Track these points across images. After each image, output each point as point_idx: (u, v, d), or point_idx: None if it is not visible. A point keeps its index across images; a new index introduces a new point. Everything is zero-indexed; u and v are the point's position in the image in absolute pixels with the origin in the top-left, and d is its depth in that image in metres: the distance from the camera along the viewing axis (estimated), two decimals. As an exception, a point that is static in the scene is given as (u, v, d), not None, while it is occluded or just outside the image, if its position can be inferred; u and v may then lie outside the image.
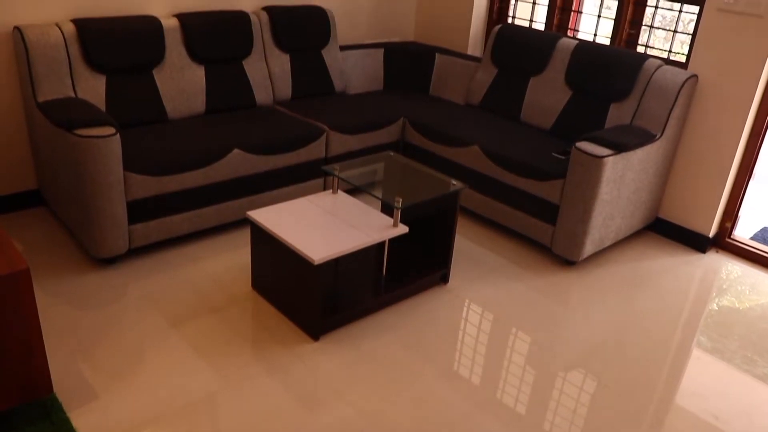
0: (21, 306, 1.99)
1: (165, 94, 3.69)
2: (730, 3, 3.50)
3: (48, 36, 3.29)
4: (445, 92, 4.74)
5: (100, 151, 2.90)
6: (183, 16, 3.80)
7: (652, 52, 4.11)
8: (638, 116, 3.73)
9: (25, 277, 1.96)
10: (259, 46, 4.11)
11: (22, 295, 1.98)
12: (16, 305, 1.98)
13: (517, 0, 4.80)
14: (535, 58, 4.21)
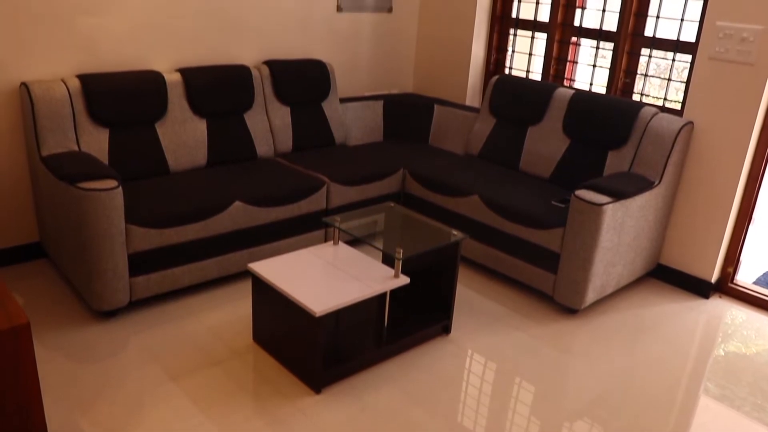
0: (20, 361, 1.98)
1: (167, 147, 3.73)
2: (721, 52, 3.57)
3: (53, 91, 3.35)
4: (445, 143, 4.79)
5: (103, 203, 2.92)
6: (185, 70, 3.87)
7: (648, 99, 4.16)
8: (636, 163, 3.76)
9: (25, 331, 1.95)
10: (260, 99, 4.17)
11: (22, 350, 1.97)
12: (15, 360, 1.97)
13: (513, 51, 4.89)
14: (533, 108, 4.27)
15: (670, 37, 3.97)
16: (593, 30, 4.34)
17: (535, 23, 4.67)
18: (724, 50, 3.56)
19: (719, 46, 3.57)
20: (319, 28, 4.63)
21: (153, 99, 3.68)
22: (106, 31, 3.67)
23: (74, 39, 3.57)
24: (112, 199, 2.95)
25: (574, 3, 4.44)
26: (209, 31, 4.07)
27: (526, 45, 4.78)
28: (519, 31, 4.81)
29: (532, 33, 4.71)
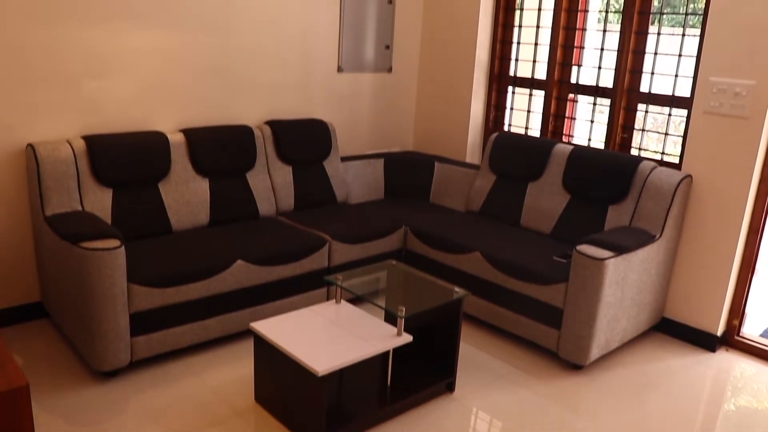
0: (18, 424, 1.95)
1: (170, 207, 3.75)
2: (716, 106, 3.63)
3: (59, 152, 3.40)
4: (446, 200, 4.81)
5: (105, 263, 2.92)
6: (189, 131, 3.93)
7: (646, 153, 4.21)
8: (637, 217, 3.77)
9: (24, 393, 1.94)
10: (262, 158, 4.22)
11: (20, 413, 1.95)
12: (13, 423, 1.94)
13: (512, 109, 4.96)
14: (533, 164, 4.31)
15: (665, 92, 4.03)
16: (590, 87, 4.41)
17: (532, 81, 4.76)
18: (718, 105, 3.62)
19: (713, 101, 3.63)
20: (320, 88, 4.72)
21: (156, 159, 3.73)
22: (111, 93, 3.74)
23: (80, 101, 3.64)
24: (115, 258, 2.96)
25: (571, 61, 4.53)
26: (212, 92, 4.15)
27: (525, 102, 4.85)
28: (517, 88, 4.90)
29: (530, 90, 4.79)
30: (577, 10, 4.46)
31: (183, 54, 3.98)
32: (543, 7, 4.62)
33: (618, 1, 4.29)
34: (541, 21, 4.64)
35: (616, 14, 4.26)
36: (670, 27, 4.12)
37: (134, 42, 3.77)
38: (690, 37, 3.89)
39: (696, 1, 3.98)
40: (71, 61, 3.57)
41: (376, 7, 4.90)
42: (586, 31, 4.60)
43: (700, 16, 3.85)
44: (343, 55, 4.79)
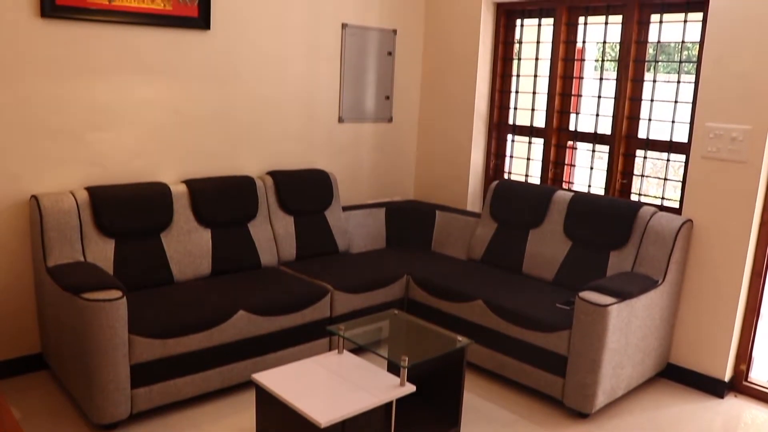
0: (16, 478, 1.93)
1: (172, 257, 3.76)
2: (713, 151, 3.66)
3: (62, 203, 3.43)
4: (447, 248, 4.81)
5: (106, 314, 2.92)
6: (191, 182, 3.97)
7: (646, 198, 4.22)
8: (638, 263, 3.77)
9: (22, 446, 1.91)
10: (264, 209, 4.24)
11: (18, 467, 1.92)
12: (11, 477, 1.92)
13: (512, 156, 5.00)
14: (533, 212, 4.32)
15: (663, 138, 4.07)
16: (588, 134, 4.46)
17: (531, 129, 4.81)
18: (715, 150, 3.65)
19: (711, 146, 3.67)
20: (322, 139, 4.77)
21: (159, 210, 3.75)
22: (115, 145, 3.79)
23: (84, 153, 3.68)
24: (116, 309, 2.95)
25: (569, 108, 4.59)
26: (214, 143, 4.20)
27: (524, 150, 4.90)
28: (516, 136, 4.94)
29: (529, 138, 4.83)
30: (573, 59, 4.54)
31: (186, 106, 4.04)
32: (540, 57, 4.69)
33: (614, 49, 4.37)
34: (539, 70, 4.71)
35: (612, 62, 4.33)
36: (665, 74, 4.19)
37: (138, 94, 3.83)
38: (685, 83, 3.95)
39: (690, 49, 4.05)
40: (76, 114, 3.62)
41: (376, 59, 4.99)
42: (583, 79, 4.68)
43: (694, 64, 3.91)
44: (343, 105, 4.85)
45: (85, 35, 3.60)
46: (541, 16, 4.66)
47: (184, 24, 3.93)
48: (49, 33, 3.48)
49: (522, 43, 4.88)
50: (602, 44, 4.39)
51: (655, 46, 4.10)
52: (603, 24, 4.32)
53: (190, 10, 3.95)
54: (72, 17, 3.52)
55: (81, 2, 3.53)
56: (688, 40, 3.94)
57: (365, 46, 4.91)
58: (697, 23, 3.87)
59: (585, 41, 4.47)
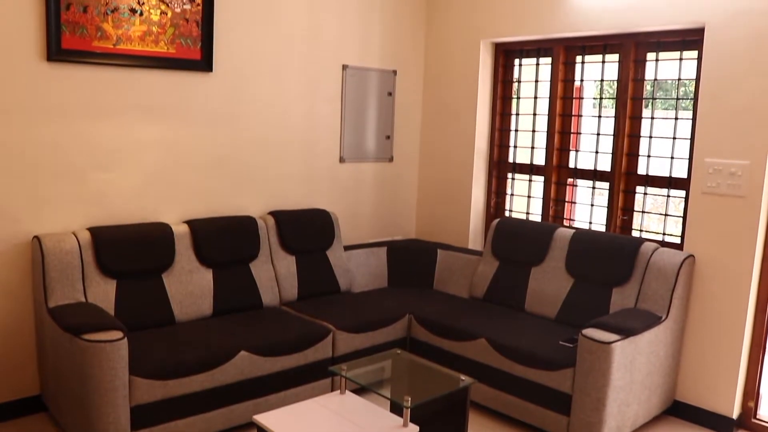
0: None
1: (173, 297, 3.75)
2: (713, 186, 3.67)
3: (64, 243, 3.44)
4: (449, 286, 4.80)
5: (107, 355, 2.90)
6: (193, 222, 3.98)
7: (647, 234, 4.22)
8: (641, 299, 3.75)
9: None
10: (265, 248, 4.24)
11: None
12: None
13: (512, 194, 5.02)
14: (535, 249, 4.32)
15: (662, 174, 4.09)
16: (588, 171, 4.48)
17: (531, 167, 4.83)
18: (715, 185, 3.66)
19: (710, 181, 3.68)
20: (323, 179, 4.80)
21: (161, 250, 3.75)
22: (117, 185, 3.82)
23: (86, 193, 3.71)
24: (117, 350, 2.94)
25: (568, 146, 4.62)
26: (216, 184, 4.22)
27: (525, 188, 4.91)
28: (516, 174, 4.97)
29: (530, 176, 4.86)
30: (572, 97, 4.58)
31: (187, 146, 4.07)
32: (539, 95, 4.74)
33: (612, 87, 4.41)
34: (538, 108, 4.75)
35: (611, 100, 4.37)
36: (663, 110, 4.23)
37: (141, 135, 3.87)
38: (683, 120, 3.99)
39: (687, 85, 4.09)
40: (78, 155, 3.66)
41: (376, 99, 5.04)
42: (582, 117, 4.72)
43: (691, 100, 3.95)
44: (344, 145, 4.89)
45: (90, 78, 3.65)
46: (539, 55, 4.72)
47: (187, 66, 3.99)
48: (55, 76, 3.53)
49: (521, 82, 4.94)
50: (600, 82, 4.44)
51: (652, 83, 4.14)
52: (600, 62, 4.37)
53: (193, 53, 4.01)
54: (77, 60, 3.58)
55: (86, 46, 3.60)
56: (684, 77, 3.99)
57: (366, 86, 4.96)
58: (692, 60, 3.92)
59: (583, 79, 4.53)
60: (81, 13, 3.56)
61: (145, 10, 3.78)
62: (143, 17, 3.78)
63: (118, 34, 3.70)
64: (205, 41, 4.03)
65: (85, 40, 3.59)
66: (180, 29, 3.93)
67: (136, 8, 3.75)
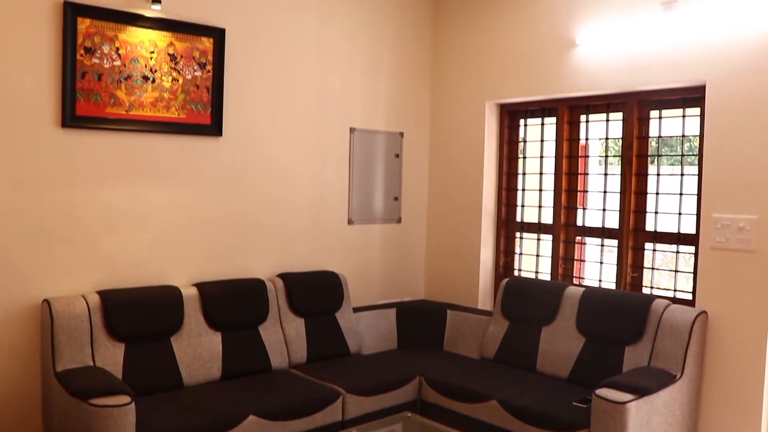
0: None
1: (182, 361, 3.73)
2: (722, 242, 3.66)
3: (74, 306, 3.45)
4: (459, 347, 4.75)
5: (114, 420, 2.88)
6: (202, 285, 3.99)
7: (658, 291, 4.19)
8: (655, 357, 3.70)
9: None
10: (274, 311, 4.23)
11: None
12: None
13: (521, 253, 5.01)
14: (545, 308, 4.29)
15: (671, 230, 4.09)
16: (596, 228, 4.49)
17: (539, 225, 4.84)
18: (724, 240, 3.65)
19: (719, 237, 3.67)
20: (331, 240, 4.82)
21: (169, 313, 3.75)
22: (128, 248, 3.85)
23: (96, 257, 3.74)
24: (125, 415, 2.91)
25: (575, 204, 4.64)
26: (225, 246, 4.25)
27: (533, 247, 4.91)
28: (525, 234, 4.97)
29: (538, 235, 4.86)
30: (577, 156, 4.63)
31: (198, 209, 4.12)
32: (545, 155, 4.79)
33: (617, 144, 4.46)
34: (544, 167, 4.79)
35: (616, 158, 4.41)
36: (669, 166, 4.25)
37: (151, 198, 3.92)
38: (689, 176, 4.00)
39: (691, 141, 4.13)
40: (89, 218, 3.70)
41: (384, 161, 5.10)
42: (588, 175, 4.76)
43: (696, 156, 3.98)
44: (353, 207, 4.93)
45: (103, 143, 3.73)
46: (544, 115, 4.79)
47: (197, 131, 4.07)
48: (69, 142, 3.61)
49: (526, 141, 4.99)
50: (605, 140, 4.49)
51: (656, 140, 4.18)
52: (604, 121, 4.43)
53: (203, 118, 4.09)
54: (91, 126, 3.67)
55: (100, 112, 3.68)
56: (688, 133, 4.03)
57: (373, 148, 5.03)
58: (695, 117, 3.96)
59: (588, 138, 4.58)
60: (95, 81, 3.66)
61: (157, 78, 3.88)
62: (155, 84, 3.88)
63: (130, 101, 3.79)
64: (215, 106, 4.12)
65: (98, 107, 3.68)
66: (191, 95, 4.02)
67: (149, 75, 3.85)
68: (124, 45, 3.75)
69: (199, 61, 4.04)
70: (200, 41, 4.04)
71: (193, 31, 4.01)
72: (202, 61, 4.06)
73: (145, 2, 3.81)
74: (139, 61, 3.81)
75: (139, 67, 3.81)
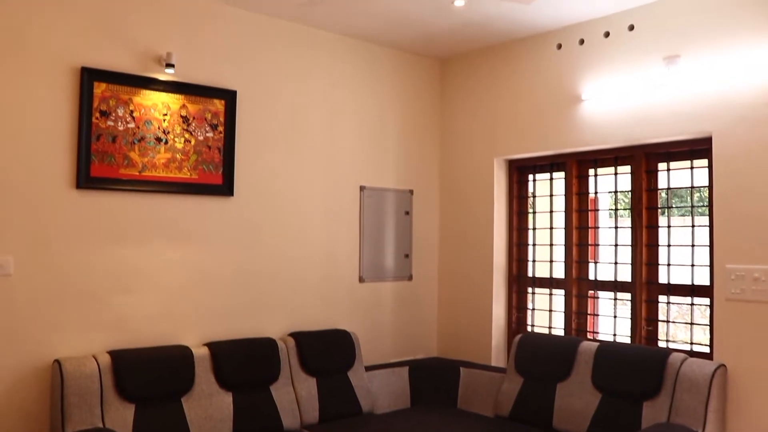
0: None
1: (192, 422, 3.67)
2: (737, 293, 3.62)
3: (84, 367, 3.43)
4: (473, 405, 4.67)
5: (123, 482, 2.82)
6: (213, 344, 3.97)
7: (675, 344, 4.13)
8: (674, 413, 3.62)
9: None
10: (286, 370, 4.19)
11: None
12: None
13: (533, 309, 4.97)
14: (560, 364, 4.22)
15: (684, 282, 4.05)
16: (609, 282, 4.46)
17: (551, 280, 4.82)
18: (739, 291, 3.61)
19: (734, 288, 3.63)
20: (343, 299, 4.80)
21: (180, 374, 3.72)
22: (139, 308, 3.85)
23: (108, 316, 3.74)
24: (133, 477, 2.86)
25: (587, 258, 4.62)
26: (237, 305, 4.24)
27: (546, 302, 4.88)
28: (537, 288, 4.95)
29: (550, 290, 4.83)
30: (587, 210, 4.63)
31: (210, 268, 4.13)
32: (554, 209, 4.80)
33: (626, 197, 4.47)
34: (554, 222, 4.80)
35: (626, 210, 4.42)
36: (680, 217, 4.24)
37: (163, 258, 3.95)
38: (700, 227, 3.99)
39: (701, 191, 4.13)
40: (102, 278, 3.72)
41: (394, 218, 5.13)
42: (599, 228, 4.75)
43: (706, 207, 3.97)
44: (364, 265, 4.93)
45: (116, 204, 3.77)
46: (552, 170, 4.82)
47: (209, 191, 4.12)
48: (83, 203, 3.66)
49: (535, 196, 5.01)
50: (614, 193, 4.50)
51: (665, 191, 4.19)
52: (613, 174, 4.45)
53: (215, 178, 4.14)
54: (104, 187, 3.72)
55: (113, 173, 3.74)
56: (697, 184, 4.03)
57: (383, 206, 5.06)
58: (703, 168, 3.98)
59: (597, 191, 4.59)
60: (110, 143, 3.73)
61: (170, 139, 3.95)
62: (168, 145, 3.95)
63: (143, 162, 3.85)
64: (227, 166, 4.18)
65: (112, 168, 3.74)
66: (203, 156, 4.08)
67: (162, 137, 3.92)
68: (138, 108, 3.83)
69: (211, 123, 4.12)
70: (212, 103, 4.13)
71: (206, 93, 4.11)
72: (214, 122, 4.13)
73: (159, 66, 3.91)
74: (152, 123, 3.89)
75: (153, 129, 3.89)
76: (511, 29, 4.67)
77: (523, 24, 4.55)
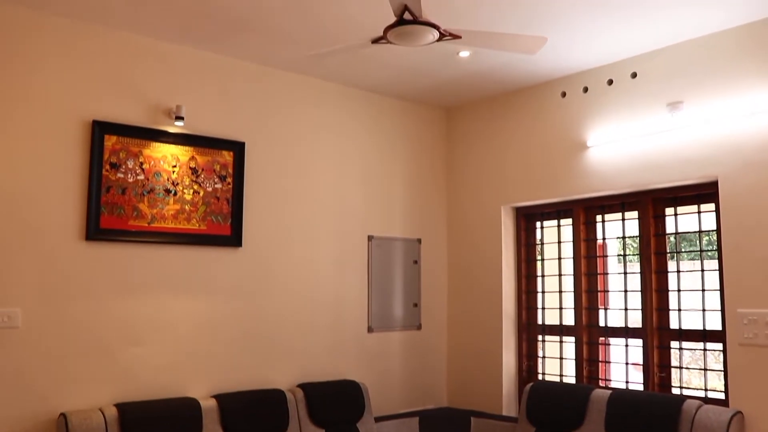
0: None
1: (200, 476, 3.62)
2: (750, 338, 3.58)
3: (90, 421, 3.39)
4: (486, 456, 4.59)
5: None
6: (221, 396, 3.92)
7: (689, 390, 4.07)
8: (691, 461, 3.54)
9: None
10: (294, 422, 4.13)
11: None
12: None
13: (544, 357, 4.92)
14: (572, 412, 4.15)
15: (696, 327, 4.01)
16: (619, 328, 4.42)
17: (561, 327, 4.78)
18: (752, 335, 3.57)
19: (747, 332, 3.60)
20: (351, 349, 4.77)
21: (187, 427, 3.68)
22: (146, 360, 3.82)
23: (115, 369, 3.71)
24: None
25: (596, 304, 4.59)
26: (244, 357, 4.21)
27: (556, 349, 4.82)
28: (547, 336, 4.90)
29: (560, 337, 4.79)
30: (595, 256, 4.62)
31: (216, 319, 4.12)
32: (562, 256, 4.79)
33: (634, 242, 4.46)
34: (563, 269, 4.78)
35: (635, 256, 4.40)
36: (689, 261, 4.22)
37: (171, 309, 3.94)
38: (710, 271, 3.97)
39: (710, 235, 4.12)
40: (109, 330, 3.71)
41: (402, 268, 5.12)
42: (608, 275, 4.73)
43: (715, 251, 3.96)
44: (372, 315, 4.91)
45: (125, 255, 3.79)
46: (560, 217, 4.83)
47: (217, 242, 4.13)
48: (91, 254, 3.68)
49: (543, 243, 5.01)
50: (622, 239, 4.49)
51: (674, 236, 4.18)
52: (620, 220, 4.46)
53: (224, 229, 4.16)
54: (113, 239, 3.74)
55: (122, 225, 3.77)
56: (705, 228, 4.03)
57: (391, 256, 5.06)
58: (711, 212, 3.97)
59: (605, 237, 4.59)
60: (119, 195, 3.77)
61: (179, 190, 3.99)
62: (177, 197, 3.98)
63: (152, 213, 3.88)
64: (235, 217, 4.20)
65: (121, 220, 3.76)
66: (211, 207, 4.11)
67: (171, 189, 3.96)
68: (147, 160, 3.88)
69: (220, 174, 4.16)
70: (221, 155, 4.17)
71: (214, 145, 4.16)
72: (223, 173, 4.17)
73: (169, 119, 3.97)
74: (161, 175, 3.93)
75: (162, 181, 3.93)
76: (516, 78, 4.73)
77: (528, 73, 4.62)
